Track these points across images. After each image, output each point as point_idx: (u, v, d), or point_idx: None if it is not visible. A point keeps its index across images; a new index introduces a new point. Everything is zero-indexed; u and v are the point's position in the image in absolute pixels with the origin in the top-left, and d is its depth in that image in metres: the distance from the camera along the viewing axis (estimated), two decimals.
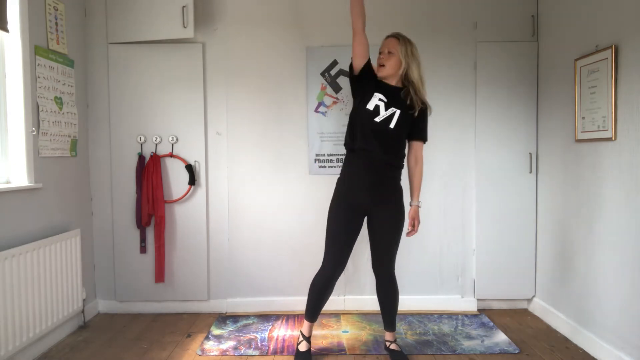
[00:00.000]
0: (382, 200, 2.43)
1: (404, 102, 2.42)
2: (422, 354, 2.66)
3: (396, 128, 2.38)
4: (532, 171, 3.32)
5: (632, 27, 2.33)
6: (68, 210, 3.01)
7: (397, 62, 2.44)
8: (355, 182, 2.42)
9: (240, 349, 2.73)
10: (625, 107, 2.38)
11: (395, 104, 2.40)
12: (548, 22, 3.19)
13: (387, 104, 2.40)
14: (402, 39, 2.47)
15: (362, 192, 2.40)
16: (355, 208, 2.44)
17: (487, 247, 3.35)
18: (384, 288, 2.55)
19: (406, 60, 2.42)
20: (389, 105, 2.40)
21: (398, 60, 2.43)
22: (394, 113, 2.39)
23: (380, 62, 2.44)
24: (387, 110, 2.39)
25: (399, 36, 2.48)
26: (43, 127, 2.74)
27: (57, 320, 2.74)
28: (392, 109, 2.39)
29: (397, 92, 2.43)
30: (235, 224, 3.36)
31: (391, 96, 2.42)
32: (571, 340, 2.84)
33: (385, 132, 2.38)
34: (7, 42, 2.56)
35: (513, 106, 3.32)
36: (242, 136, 3.33)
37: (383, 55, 2.45)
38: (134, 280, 3.33)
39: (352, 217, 2.44)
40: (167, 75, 3.28)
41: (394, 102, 2.41)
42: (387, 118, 2.39)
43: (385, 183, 2.42)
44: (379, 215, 2.45)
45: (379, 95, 2.40)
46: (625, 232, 2.39)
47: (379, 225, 2.47)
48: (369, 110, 2.39)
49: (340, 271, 2.51)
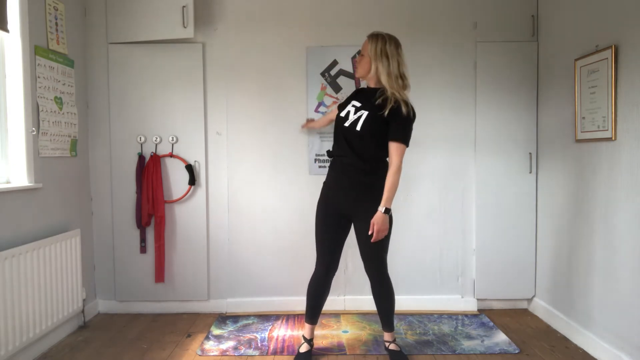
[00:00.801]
0: (357, 204, 2.39)
1: (378, 106, 2.35)
2: (422, 354, 2.66)
3: (363, 130, 2.34)
4: (532, 171, 3.32)
5: (632, 27, 2.33)
6: (68, 210, 3.01)
7: (367, 63, 2.40)
8: (332, 186, 2.48)
9: (240, 349, 2.73)
10: (625, 107, 2.38)
11: (365, 107, 2.39)
12: (548, 22, 3.19)
13: (358, 108, 2.40)
14: (374, 38, 2.39)
15: (338, 196, 2.45)
16: (334, 211, 2.47)
17: (487, 247, 3.35)
18: (376, 289, 2.52)
19: (375, 61, 2.37)
20: (360, 109, 2.40)
21: (368, 61, 2.40)
22: (361, 115, 2.37)
23: (356, 65, 2.52)
24: (356, 113, 2.39)
25: (371, 36, 2.42)
26: (43, 127, 2.74)
27: (57, 320, 2.74)
28: (360, 112, 2.38)
29: (372, 94, 2.40)
30: (235, 224, 3.36)
31: (366, 100, 2.42)
32: (571, 340, 2.84)
33: (353, 135, 2.37)
34: (7, 42, 2.56)
35: (513, 106, 3.32)
36: (242, 136, 3.33)
37: (358, 57, 2.48)
38: (134, 280, 3.33)
39: (332, 219, 2.47)
40: (167, 75, 3.28)
41: (366, 105, 2.40)
42: (354, 121, 2.37)
43: (358, 187, 2.39)
44: (359, 218, 2.42)
45: (353, 102, 2.46)
46: (625, 232, 2.39)
47: (358, 228, 2.44)
48: (341, 117, 2.45)
49: (332, 272, 2.52)
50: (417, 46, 3.31)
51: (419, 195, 3.36)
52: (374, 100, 2.36)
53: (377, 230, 2.32)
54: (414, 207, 3.36)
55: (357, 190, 2.40)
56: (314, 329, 2.64)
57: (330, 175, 2.52)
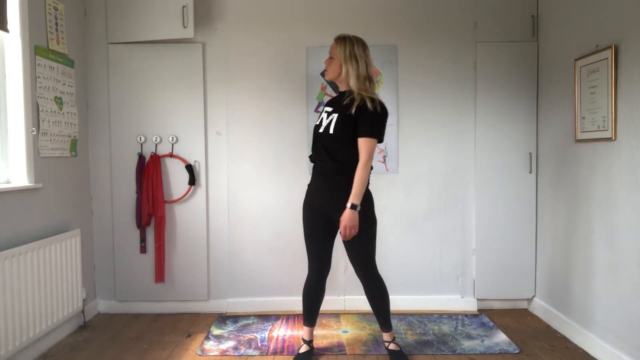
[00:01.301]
0: (337, 205, 2.34)
1: (346, 106, 2.37)
2: (422, 354, 2.66)
3: (335, 132, 2.36)
4: (532, 171, 3.32)
5: (632, 27, 2.33)
6: (68, 210, 3.01)
7: (337, 66, 2.40)
8: (313, 189, 2.52)
9: (240, 349, 2.73)
10: (625, 107, 2.38)
11: (335, 110, 2.42)
12: (548, 22, 3.19)
13: (329, 113, 2.44)
14: (342, 41, 2.40)
15: (319, 198, 2.47)
16: (317, 213, 2.48)
17: (487, 247, 3.35)
18: (368, 290, 2.51)
19: (345, 64, 2.37)
20: (331, 113, 2.43)
21: (339, 64, 2.39)
22: (332, 119, 2.39)
23: (325, 67, 2.49)
24: (328, 118, 2.43)
25: (339, 38, 2.42)
26: (43, 127, 2.74)
27: (57, 320, 2.74)
28: (331, 116, 2.41)
29: (342, 96, 2.44)
30: (235, 224, 3.36)
31: (336, 103, 2.45)
32: (571, 340, 2.84)
33: (328, 139, 2.40)
34: (7, 42, 2.56)
35: (513, 106, 3.32)
36: (242, 136, 3.33)
37: (327, 60, 2.47)
38: (134, 280, 3.33)
39: (316, 222, 2.49)
40: (167, 75, 3.28)
41: (336, 108, 2.43)
42: (327, 125, 2.41)
43: (336, 188, 2.38)
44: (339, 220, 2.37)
45: (325, 109, 2.50)
46: (625, 232, 2.39)
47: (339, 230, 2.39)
48: (316, 125, 2.51)
49: (324, 274, 2.54)
50: (417, 46, 3.32)
51: (419, 195, 3.36)
52: (342, 101, 2.40)
53: (345, 227, 2.29)
54: (414, 207, 3.36)
55: (336, 191, 2.39)
56: (312, 331, 2.64)
57: (312, 179, 2.56)
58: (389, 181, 3.35)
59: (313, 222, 2.50)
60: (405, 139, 3.35)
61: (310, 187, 2.55)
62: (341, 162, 2.39)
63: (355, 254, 2.46)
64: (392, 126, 3.33)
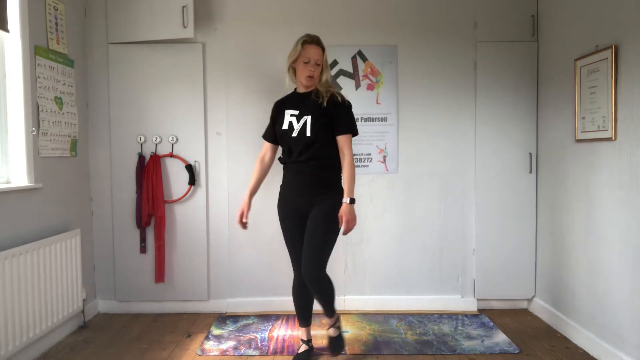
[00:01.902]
0: (315, 198, 2.38)
1: (314, 104, 2.37)
2: (422, 354, 2.66)
3: (313, 133, 2.34)
4: (532, 171, 3.32)
5: (632, 27, 2.33)
6: (68, 210, 3.01)
7: (321, 73, 2.43)
8: (289, 189, 2.49)
9: (240, 349, 2.73)
10: (625, 107, 2.38)
11: (305, 111, 2.38)
12: (548, 22, 3.19)
13: (298, 116, 2.39)
14: (324, 48, 2.44)
15: (296, 197, 2.44)
16: (295, 213, 2.45)
17: (487, 247, 3.35)
18: (314, 287, 2.42)
19: (326, 70, 2.44)
20: (300, 115, 2.39)
21: (321, 71, 2.43)
22: (305, 121, 2.36)
23: (310, 74, 2.38)
24: (299, 122, 2.38)
25: (322, 45, 2.43)
26: (43, 127, 2.74)
27: (57, 320, 2.74)
28: (303, 118, 2.37)
29: (306, 97, 2.42)
30: (235, 224, 3.33)
31: (301, 104, 2.42)
32: (571, 340, 2.84)
33: (305, 142, 2.36)
34: (7, 42, 2.56)
35: (513, 106, 3.32)
36: (242, 136, 3.33)
37: (311, 67, 2.38)
38: (134, 280, 3.33)
39: (294, 222, 2.46)
40: (167, 75, 3.28)
41: (305, 109, 2.39)
42: (302, 129, 2.37)
43: (316, 183, 2.40)
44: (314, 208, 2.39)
45: (289, 112, 2.43)
46: (625, 232, 2.39)
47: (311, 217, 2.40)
48: (284, 130, 2.43)
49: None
50: (417, 46, 3.32)
51: (419, 195, 3.36)
52: (310, 101, 2.39)
53: (346, 221, 2.31)
54: (414, 207, 3.36)
55: (315, 187, 2.39)
56: (309, 330, 2.63)
57: (285, 180, 2.53)
58: (389, 181, 3.35)
59: (292, 224, 2.47)
60: (405, 139, 3.35)
61: (286, 188, 2.52)
62: (322, 158, 2.39)
63: (308, 250, 2.37)
64: (392, 126, 3.34)
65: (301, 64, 2.40)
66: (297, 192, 2.45)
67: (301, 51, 2.39)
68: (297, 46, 2.42)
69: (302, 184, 2.43)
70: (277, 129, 2.48)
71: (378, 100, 3.32)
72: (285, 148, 2.46)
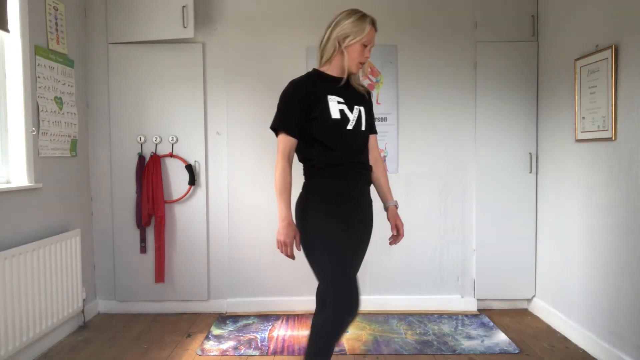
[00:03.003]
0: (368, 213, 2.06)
1: (358, 94, 1.98)
2: (422, 354, 2.66)
3: (366, 129, 1.97)
4: (532, 171, 3.32)
5: (632, 27, 2.33)
6: (68, 210, 3.01)
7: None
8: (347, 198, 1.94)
9: (240, 349, 2.73)
10: (625, 107, 2.38)
11: (354, 101, 1.94)
12: (548, 22, 3.19)
13: (349, 105, 1.92)
14: None
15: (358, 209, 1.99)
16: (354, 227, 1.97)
17: (487, 247, 3.35)
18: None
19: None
20: (350, 104, 1.92)
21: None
22: (360, 112, 1.94)
23: (364, 60, 1.95)
24: (352, 112, 1.91)
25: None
26: (43, 127, 2.74)
27: (57, 320, 2.74)
28: (355, 108, 1.93)
29: (346, 85, 1.95)
30: (235, 224, 3.36)
31: (343, 92, 1.93)
32: (571, 340, 2.84)
33: (362, 139, 1.97)
34: (7, 42, 2.56)
35: (513, 106, 3.32)
36: (242, 136, 3.33)
37: (367, 52, 1.94)
38: (134, 280, 3.33)
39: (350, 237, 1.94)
40: (167, 75, 3.28)
41: (351, 98, 1.94)
42: (357, 121, 1.92)
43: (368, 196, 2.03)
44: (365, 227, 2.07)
45: (334, 98, 1.90)
46: (625, 232, 2.39)
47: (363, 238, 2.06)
48: (338, 120, 1.88)
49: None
50: (417, 46, 3.32)
51: (419, 195, 3.36)
52: (352, 90, 1.97)
53: (402, 225, 2.07)
54: (413, 206, 3.36)
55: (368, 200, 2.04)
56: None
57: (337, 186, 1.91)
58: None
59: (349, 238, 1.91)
60: (405, 139, 3.35)
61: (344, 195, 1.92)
62: (367, 161, 2.03)
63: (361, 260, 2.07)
64: (392, 126, 3.34)
65: (360, 45, 1.91)
66: (359, 202, 1.97)
67: (368, 32, 1.91)
68: (364, 24, 1.90)
69: (360, 192, 1.97)
70: (323, 114, 1.86)
71: (378, 100, 3.33)
72: (333, 144, 1.87)
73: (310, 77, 1.99)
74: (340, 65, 1.94)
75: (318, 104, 1.88)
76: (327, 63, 1.96)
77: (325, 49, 1.95)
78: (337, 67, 1.95)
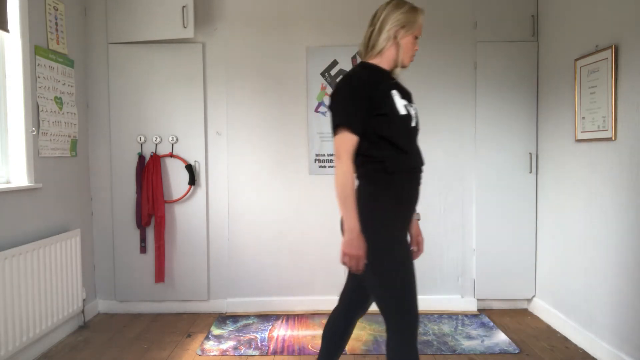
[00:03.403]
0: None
1: (406, 90, 1.82)
2: (422, 354, 2.66)
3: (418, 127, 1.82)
4: (532, 171, 3.32)
5: (632, 27, 2.33)
6: (68, 210, 3.01)
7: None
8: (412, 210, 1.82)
9: (240, 349, 2.73)
10: (625, 107, 2.38)
11: (407, 96, 1.79)
12: (548, 22, 3.19)
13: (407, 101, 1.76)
14: None
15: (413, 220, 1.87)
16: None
17: (487, 247, 3.35)
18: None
19: None
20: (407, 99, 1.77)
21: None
22: (416, 112, 1.78)
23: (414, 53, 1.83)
24: (412, 107, 1.76)
25: None
26: (43, 127, 2.74)
27: (57, 320, 2.74)
28: (412, 107, 1.77)
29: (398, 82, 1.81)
30: (235, 224, 3.36)
31: (400, 89, 1.77)
32: (571, 340, 2.84)
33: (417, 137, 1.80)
34: (7, 42, 2.56)
35: (513, 106, 3.32)
36: (242, 136, 3.33)
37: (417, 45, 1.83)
38: (134, 280, 3.33)
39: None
40: (167, 75, 3.28)
41: (407, 96, 1.78)
42: (417, 118, 1.78)
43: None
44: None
45: (396, 92, 1.72)
46: (625, 232, 2.39)
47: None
48: (405, 116, 1.70)
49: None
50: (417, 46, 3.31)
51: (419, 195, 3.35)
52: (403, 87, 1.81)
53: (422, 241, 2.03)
54: None
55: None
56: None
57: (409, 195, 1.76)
58: None
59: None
60: None
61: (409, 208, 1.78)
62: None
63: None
64: None
65: (412, 38, 1.78)
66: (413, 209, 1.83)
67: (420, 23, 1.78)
68: (416, 15, 1.76)
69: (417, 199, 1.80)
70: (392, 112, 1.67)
71: None
72: (404, 144, 1.70)
73: (373, 70, 1.76)
74: (393, 58, 1.76)
75: (387, 99, 1.68)
76: (379, 55, 1.76)
77: (377, 41, 1.75)
78: (390, 60, 1.77)
